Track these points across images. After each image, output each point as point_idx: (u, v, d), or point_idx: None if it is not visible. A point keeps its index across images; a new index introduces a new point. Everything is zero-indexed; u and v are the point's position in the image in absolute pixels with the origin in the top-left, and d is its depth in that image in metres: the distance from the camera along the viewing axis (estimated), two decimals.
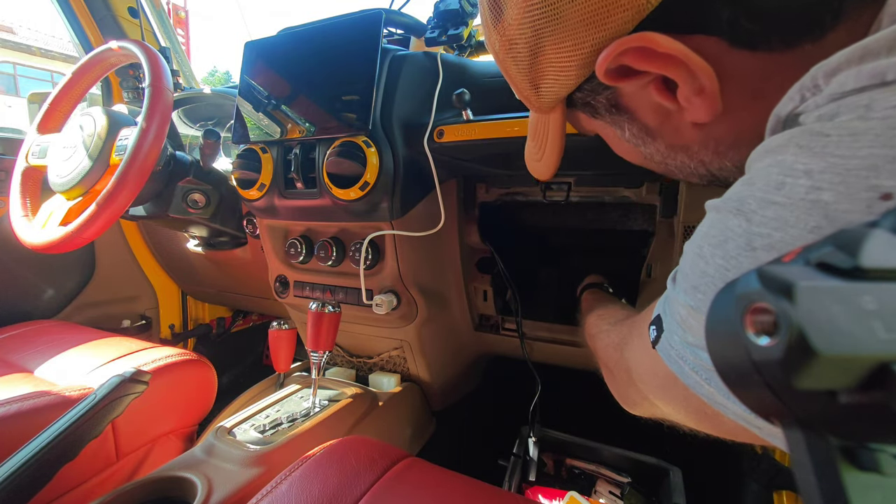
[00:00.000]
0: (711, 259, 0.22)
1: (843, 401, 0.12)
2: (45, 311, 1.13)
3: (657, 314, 0.28)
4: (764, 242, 0.19)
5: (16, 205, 0.78)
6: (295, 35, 0.74)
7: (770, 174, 0.20)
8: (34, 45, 9.92)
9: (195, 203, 0.88)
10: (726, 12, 0.23)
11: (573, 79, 0.29)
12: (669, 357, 0.26)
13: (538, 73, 0.31)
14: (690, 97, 0.26)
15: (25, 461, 0.47)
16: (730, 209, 0.21)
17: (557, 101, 0.33)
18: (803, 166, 0.18)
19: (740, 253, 0.20)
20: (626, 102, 0.30)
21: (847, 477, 0.13)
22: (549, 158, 0.39)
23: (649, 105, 0.29)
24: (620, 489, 0.77)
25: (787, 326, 0.12)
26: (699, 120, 0.27)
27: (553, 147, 0.37)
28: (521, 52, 0.30)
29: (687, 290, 0.24)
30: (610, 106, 0.31)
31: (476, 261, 0.92)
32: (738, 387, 0.15)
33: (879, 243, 0.12)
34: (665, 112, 0.29)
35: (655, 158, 0.33)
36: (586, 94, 0.31)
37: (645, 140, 0.32)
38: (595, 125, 0.35)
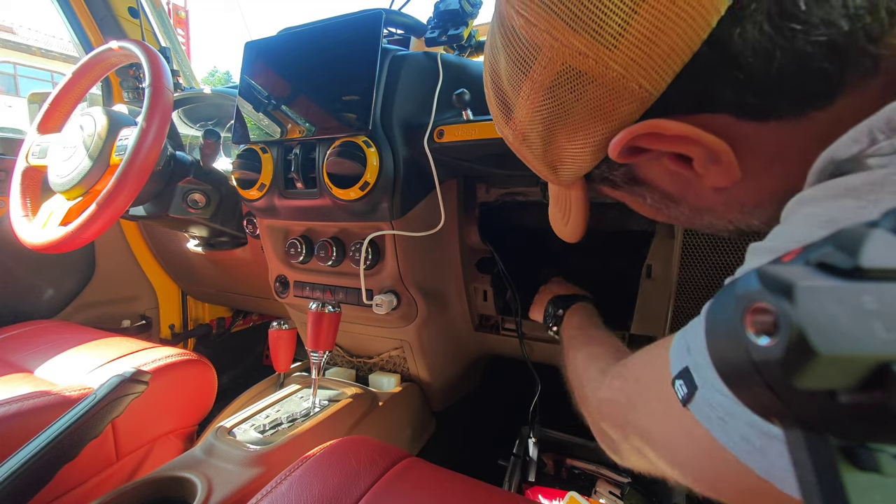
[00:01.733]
0: None
1: (843, 401, 0.12)
2: (45, 311, 1.13)
3: (683, 367, 0.25)
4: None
5: (16, 205, 0.78)
6: (295, 35, 0.74)
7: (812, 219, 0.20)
8: (34, 46, 9.93)
9: (195, 203, 0.88)
10: (730, 93, 0.23)
11: (588, 162, 0.30)
12: (709, 418, 0.23)
13: (554, 158, 0.32)
14: (707, 167, 0.26)
15: (25, 461, 0.47)
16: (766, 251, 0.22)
17: (576, 179, 0.33)
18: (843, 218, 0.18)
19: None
20: (643, 175, 0.31)
21: (847, 477, 0.13)
22: (575, 225, 0.39)
23: (667, 174, 0.29)
24: (620, 489, 0.77)
25: (787, 326, 0.12)
26: (719, 185, 0.27)
27: (577, 216, 0.38)
28: (534, 143, 0.31)
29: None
30: (628, 179, 0.32)
31: (476, 261, 0.92)
32: (737, 387, 0.15)
33: (879, 243, 0.12)
34: (684, 179, 0.29)
35: (680, 219, 0.34)
36: (603, 171, 0.32)
37: (668, 205, 0.32)
38: (616, 195, 0.36)
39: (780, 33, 0.21)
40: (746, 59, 0.22)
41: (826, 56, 0.21)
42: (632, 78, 0.24)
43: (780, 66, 0.21)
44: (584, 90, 0.25)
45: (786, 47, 0.21)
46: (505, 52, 0.28)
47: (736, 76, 0.22)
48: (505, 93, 0.30)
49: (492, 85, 0.32)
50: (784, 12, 0.20)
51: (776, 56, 0.21)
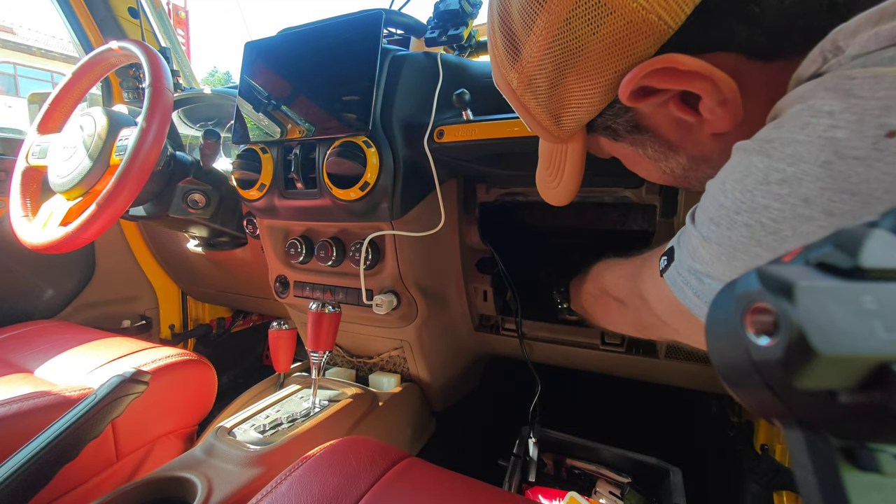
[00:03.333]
0: (731, 192, 0.23)
1: (842, 401, 0.12)
2: (45, 311, 1.13)
3: (670, 246, 0.30)
4: (778, 177, 0.21)
5: (16, 205, 0.78)
6: (295, 35, 0.74)
7: (799, 116, 0.21)
8: (34, 46, 9.93)
9: (195, 203, 0.88)
10: (743, 30, 0.24)
11: (596, 105, 0.30)
12: (675, 283, 0.29)
13: (559, 104, 0.31)
14: (714, 108, 0.26)
15: (25, 461, 0.47)
16: (755, 148, 0.23)
17: (578, 129, 0.33)
18: (828, 107, 0.20)
19: (756, 187, 0.22)
20: (647, 122, 0.31)
21: (847, 477, 0.13)
22: (567, 184, 0.39)
23: (670, 121, 0.30)
24: (620, 489, 0.76)
25: (787, 326, 0.12)
26: (721, 130, 0.28)
27: (572, 173, 0.38)
28: (540, 87, 0.31)
29: (703, 223, 0.26)
30: (631, 127, 0.32)
31: (476, 261, 0.92)
32: (737, 387, 0.15)
33: (879, 243, 0.12)
34: (686, 126, 0.29)
35: (676, 172, 0.34)
36: (607, 119, 0.32)
37: (667, 154, 0.33)
38: (615, 147, 0.36)
39: None
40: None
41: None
42: (652, 10, 0.24)
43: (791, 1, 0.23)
44: (603, 22, 0.25)
45: None
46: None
47: (752, 10, 0.23)
48: (514, 31, 0.30)
49: (499, 24, 0.31)
50: None
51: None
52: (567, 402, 1.08)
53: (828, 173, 0.20)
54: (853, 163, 0.19)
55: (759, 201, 0.22)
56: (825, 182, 0.20)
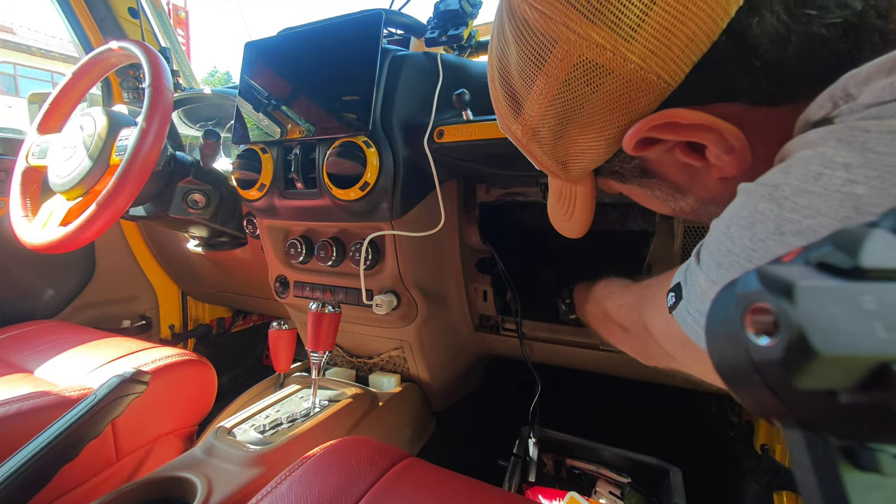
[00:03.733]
0: (739, 240, 0.23)
1: (843, 401, 0.12)
2: (45, 311, 1.13)
3: (677, 282, 0.30)
4: (793, 228, 0.20)
5: (16, 205, 0.78)
6: (295, 35, 0.74)
7: (809, 164, 0.20)
8: (34, 46, 9.93)
9: (195, 203, 0.88)
10: (746, 81, 0.24)
11: (601, 155, 0.30)
12: (686, 323, 0.28)
13: (564, 153, 0.32)
14: (721, 156, 0.26)
15: (25, 461, 0.47)
16: (762, 194, 0.22)
17: (586, 174, 0.34)
18: (843, 160, 0.19)
19: (768, 236, 0.21)
20: (654, 167, 0.31)
21: (847, 477, 0.13)
22: (580, 220, 0.39)
23: (677, 165, 0.30)
24: (620, 489, 0.76)
25: (787, 326, 0.12)
26: (729, 175, 0.27)
27: (583, 210, 0.38)
28: (545, 138, 0.31)
29: (710, 266, 0.25)
30: (638, 172, 0.32)
31: (476, 261, 0.92)
32: (737, 387, 0.15)
33: (879, 243, 0.12)
34: (693, 170, 0.29)
35: (686, 210, 0.34)
36: (614, 165, 0.32)
37: (675, 197, 0.33)
38: (624, 188, 0.36)
39: (796, 20, 0.22)
40: (763, 47, 0.22)
41: (840, 37, 0.22)
42: (650, 69, 0.24)
43: (795, 51, 0.22)
44: (601, 83, 0.25)
45: (801, 32, 0.22)
46: (517, 45, 0.28)
47: (753, 64, 0.23)
48: (515, 88, 0.30)
49: (500, 80, 0.31)
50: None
51: (792, 41, 0.22)
52: (567, 403, 1.08)
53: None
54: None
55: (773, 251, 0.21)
56: None
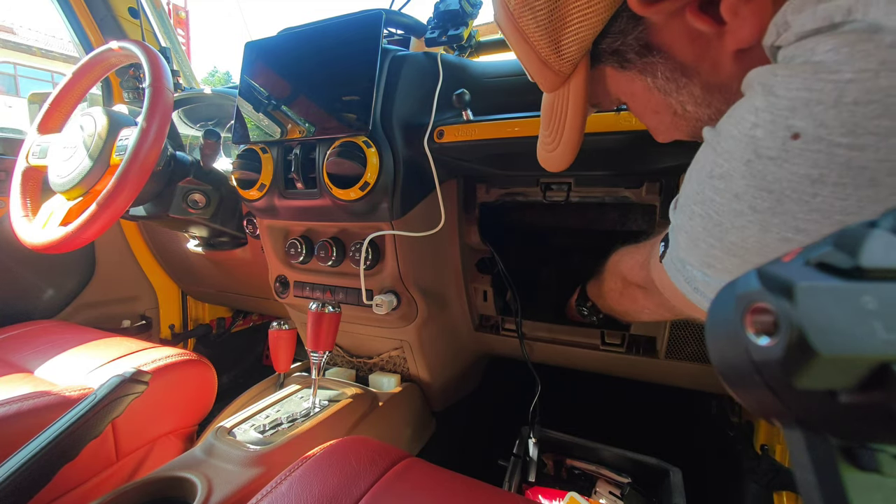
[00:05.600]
0: (690, 183, 0.25)
1: (842, 401, 0.12)
2: (45, 311, 1.13)
3: (667, 232, 0.31)
4: (719, 171, 0.22)
5: (16, 205, 0.78)
6: (295, 35, 0.74)
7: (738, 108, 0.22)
8: (34, 46, 9.92)
9: (195, 203, 0.88)
10: None
11: (602, 14, 0.28)
12: (670, 269, 0.30)
13: (560, 20, 0.29)
14: (738, 6, 0.24)
15: (25, 461, 0.47)
16: (707, 139, 0.24)
17: (581, 55, 0.31)
18: (757, 104, 0.20)
19: (704, 180, 0.23)
20: (659, 39, 0.28)
21: (847, 477, 0.13)
22: (566, 143, 0.37)
23: (685, 35, 0.27)
24: (620, 489, 0.76)
25: (787, 326, 0.12)
26: (744, 41, 0.25)
27: (573, 124, 0.35)
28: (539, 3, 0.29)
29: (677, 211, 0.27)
30: (640, 47, 0.29)
31: (476, 261, 0.92)
32: (737, 387, 0.15)
33: (879, 243, 0.12)
34: (704, 41, 0.27)
35: (688, 108, 0.31)
36: (614, 39, 0.29)
37: (679, 83, 0.30)
38: (622, 81, 0.33)
39: None
40: None
41: None
42: None
43: None
44: None
45: None
46: None
47: None
48: None
49: None
50: None
51: None
52: (567, 403, 1.08)
53: (750, 171, 0.21)
54: (768, 162, 0.20)
55: (706, 194, 0.23)
56: (748, 180, 0.21)
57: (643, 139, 0.56)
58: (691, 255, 0.26)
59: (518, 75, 0.76)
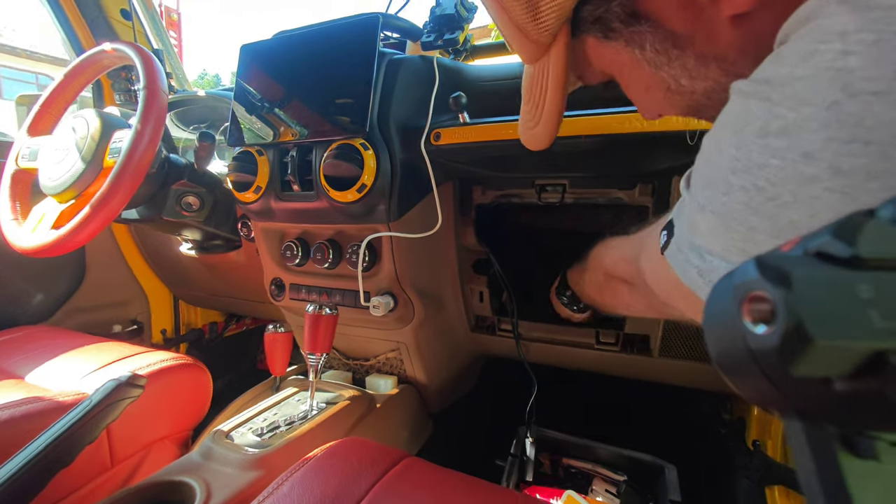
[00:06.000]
0: (727, 149, 0.19)
1: (838, 388, 0.12)
2: (33, 316, 1.11)
3: (670, 219, 0.27)
4: (777, 126, 0.17)
5: (5, 208, 0.77)
6: (291, 38, 0.74)
7: (803, 42, 0.17)
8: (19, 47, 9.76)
9: (189, 206, 0.87)
10: None
11: None
12: (676, 261, 0.25)
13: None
14: None
15: (19, 468, 0.46)
16: (752, 91, 0.19)
17: (560, 23, 0.28)
18: (840, 26, 0.15)
19: (753, 140, 0.18)
20: (647, 6, 0.26)
21: (845, 465, 0.13)
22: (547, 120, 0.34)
23: (676, 1, 0.25)
24: (617, 487, 0.77)
25: (784, 314, 0.12)
26: (741, 5, 0.22)
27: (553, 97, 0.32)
28: None
29: (697, 187, 0.22)
30: (626, 16, 0.26)
31: (472, 262, 0.93)
32: (734, 376, 0.15)
33: (877, 232, 0.12)
34: (696, 7, 0.24)
35: (682, 82, 0.28)
36: (596, 6, 0.27)
37: (670, 55, 0.27)
38: (606, 53, 0.30)
39: None
40: None
41: None
42: None
43: None
44: None
45: None
46: None
47: None
48: None
49: None
50: None
51: None
52: (563, 402, 1.09)
53: (835, 117, 0.16)
54: (868, 100, 0.15)
55: (754, 159, 0.18)
56: (831, 130, 0.16)
57: (636, 142, 0.57)
58: (717, 241, 0.21)
59: (513, 79, 0.77)
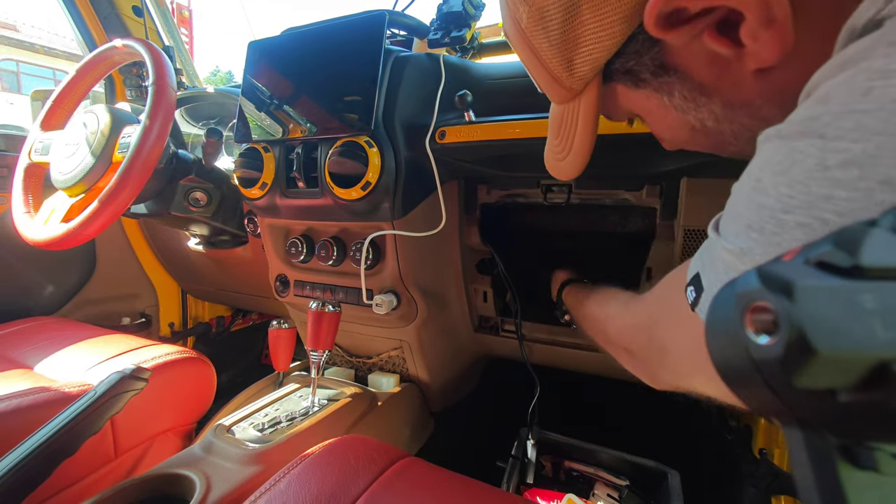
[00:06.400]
0: (773, 189, 0.19)
1: (842, 399, 0.12)
2: (45, 307, 1.14)
3: (695, 272, 0.25)
4: (840, 158, 0.17)
5: (18, 201, 0.78)
6: (298, 35, 0.74)
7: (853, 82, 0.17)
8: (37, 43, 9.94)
9: (197, 201, 0.88)
10: None
11: (616, 37, 0.27)
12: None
13: (573, 41, 0.28)
14: (758, 31, 0.22)
15: (24, 456, 0.47)
16: (797, 132, 0.19)
17: (594, 74, 0.29)
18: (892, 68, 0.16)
19: (810, 175, 0.18)
20: (675, 60, 0.27)
21: (845, 475, 0.13)
22: (577, 154, 0.35)
23: (703, 57, 0.26)
24: (618, 492, 0.76)
25: (787, 325, 0.12)
26: (765, 61, 0.23)
27: (583, 136, 0.33)
28: (553, 20, 0.27)
29: (738, 233, 0.21)
30: (656, 68, 0.28)
31: (476, 262, 0.92)
32: (737, 386, 0.15)
33: (879, 242, 0.12)
34: (722, 62, 0.25)
35: (708, 125, 0.29)
36: (628, 59, 0.28)
37: (698, 102, 0.28)
38: (635, 98, 0.31)
39: None
40: None
41: None
42: None
43: None
44: None
45: None
46: None
47: None
48: None
49: None
50: None
51: None
52: (566, 404, 1.08)
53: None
54: None
55: (816, 192, 0.17)
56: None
57: (645, 143, 0.57)
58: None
59: (520, 77, 0.76)
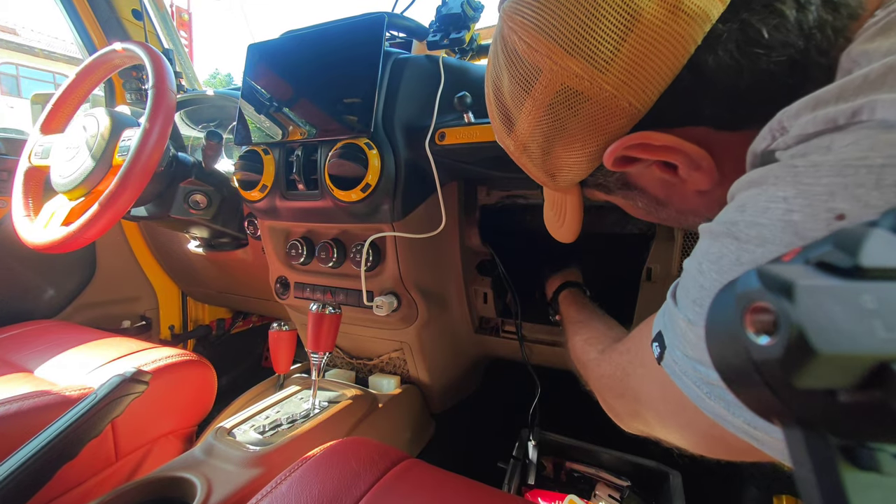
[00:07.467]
0: (709, 273, 0.25)
1: (842, 400, 0.12)
2: (45, 310, 1.13)
3: (658, 330, 0.29)
4: (749, 258, 0.22)
5: (18, 204, 0.78)
6: (298, 38, 0.75)
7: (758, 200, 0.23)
8: (37, 47, 9.96)
9: (197, 204, 0.88)
10: (708, 108, 0.27)
11: (584, 170, 0.33)
12: (674, 372, 0.27)
13: (552, 167, 0.35)
14: (690, 173, 0.30)
15: (25, 460, 0.47)
16: (723, 232, 0.24)
17: (573, 185, 0.36)
18: (782, 193, 0.22)
19: (731, 267, 0.23)
20: (635, 181, 0.34)
21: (846, 476, 0.13)
22: (570, 226, 0.42)
23: (656, 180, 0.33)
24: (620, 493, 0.76)
25: (787, 325, 0.12)
26: (701, 187, 0.30)
27: (573, 217, 0.41)
28: (534, 153, 0.34)
29: (686, 305, 0.26)
30: (621, 185, 0.35)
31: (476, 263, 0.92)
32: (737, 386, 0.15)
33: (879, 242, 0.12)
34: (670, 184, 0.32)
35: (669, 221, 0.38)
36: (597, 178, 0.35)
37: (657, 209, 0.36)
38: (609, 198, 0.39)
39: (746, 57, 0.25)
40: (720, 79, 0.26)
41: (787, 72, 0.25)
42: (622, 97, 0.27)
43: (747, 83, 0.26)
44: (581, 108, 0.29)
45: (752, 68, 0.25)
46: (508, 71, 0.31)
47: (711, 94, 0.27)
48: (507, 107, 0.33)
49: (494, 100, 0.35)
50: (749, 40, 0.25)
51: (744, 75, 0.25)
52: (567, 405, 1.08)
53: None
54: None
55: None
56: None
57: None
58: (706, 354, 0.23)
59: None
